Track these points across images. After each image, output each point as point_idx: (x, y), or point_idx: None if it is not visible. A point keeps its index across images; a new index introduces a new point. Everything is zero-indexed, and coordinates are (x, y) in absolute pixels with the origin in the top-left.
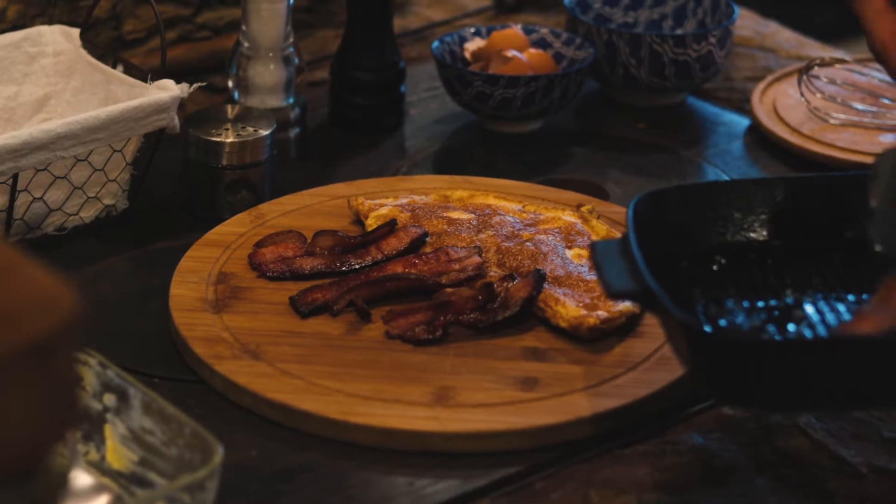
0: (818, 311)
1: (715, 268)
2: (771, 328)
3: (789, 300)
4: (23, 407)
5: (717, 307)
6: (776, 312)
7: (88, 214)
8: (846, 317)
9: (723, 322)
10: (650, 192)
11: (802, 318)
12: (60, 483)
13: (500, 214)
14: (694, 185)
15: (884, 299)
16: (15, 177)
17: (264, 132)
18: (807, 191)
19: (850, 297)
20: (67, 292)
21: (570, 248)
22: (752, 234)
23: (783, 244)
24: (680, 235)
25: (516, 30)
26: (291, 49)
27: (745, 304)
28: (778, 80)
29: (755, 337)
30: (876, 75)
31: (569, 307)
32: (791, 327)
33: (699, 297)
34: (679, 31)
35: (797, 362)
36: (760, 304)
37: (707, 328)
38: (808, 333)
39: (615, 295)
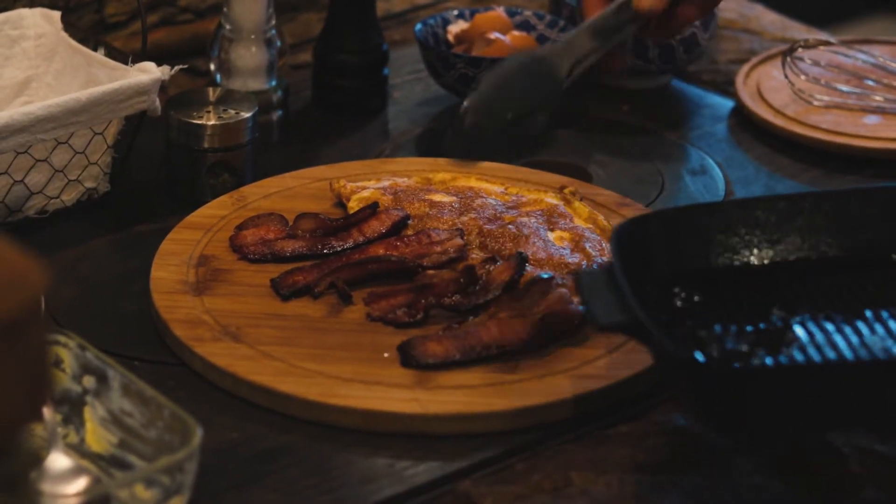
0: (808, 332)
1: (699, 293)
2: (762, 353)
3: (778, 322)
4: None
5: (707, 332)
6: (766, 335)
7: (70, 197)
8: (836, 336)
9: (713, 349)
10: (633, 218)
11: (793, 341)
12: (34, 462)
13: (483, 197)
14: (674, 209)
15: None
16: None
17: (246, 115)
18: (790, 208)
19: (839, 316)
20: (37, 271)
21: (552, 230)
22: (737, 256)
23: (768, 265)
24: (664, 260)
25: (499, 12)
26: (273, 31)
27: (734, 328)
28: (762, 62)
29: (748, 365)
30: (860, 57)
31: None
32: (783, 352)
33: (687, 322)
34: None
35: (791, 386)
36: (749, 328)
37: (699, 357)
38: (799, 357)
39: (603, 328)
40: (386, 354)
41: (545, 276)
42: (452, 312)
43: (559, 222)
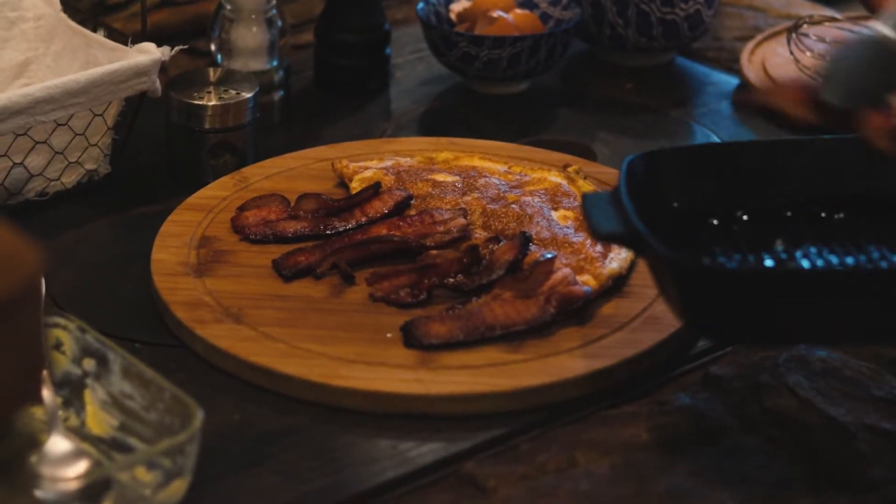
0: (810, 262)
1: (705, 226)
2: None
3: (781, 253)
4: None
5: (709, 258)
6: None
7: (70, 179)
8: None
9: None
10: (645, 152)
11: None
12: (34, 446)
13: (486, 176)
14: (686, 147)
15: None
16: None
17: (247, 95)
18: (793, 152)
19: (841, 249)
20: (31, 251)
21: (556, 209)
22: (744, 196)
23: (774, 205)
24: (672, 196)
25: None
26: (274, 11)
27: (736, 255)
28: (767, 38)
29: (735, 268)
30: (866, 33)
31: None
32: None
33: (690, 247)
34: None
35: (775, 294)
36: (751, 257)
37: (689, 262)
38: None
39: (602, 237)
40: (389, 335)
41: (549, 255)
42: (456, 293)
43: (563, 201)
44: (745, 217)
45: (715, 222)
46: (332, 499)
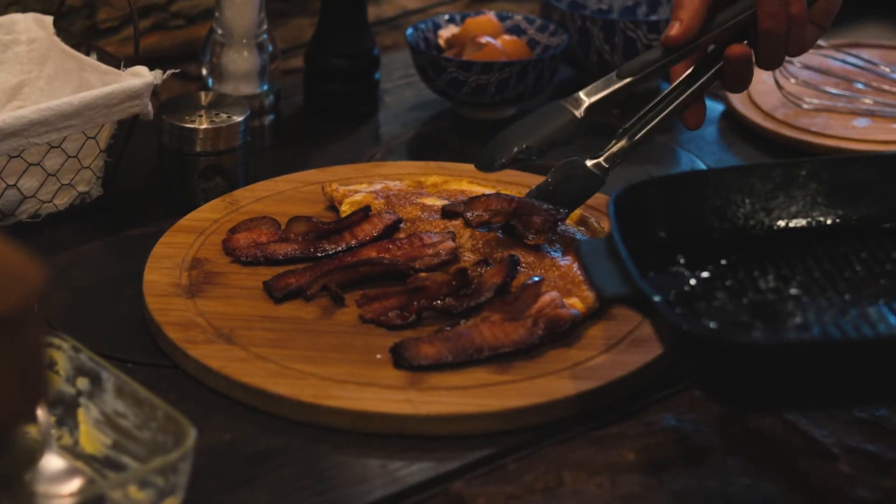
0: (804, 303)
1: (696, 260)
2: (760, 324)
3: (774, 291)
4: None
5: (705, 303)
6: (763, 306)
7: (62, 201)
8: (832, 309)
9: (711, 320)
10: (631, 185)
11: (791, 313)
12: (29, 461)
13: None
14: (672, 176)
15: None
16: None
17: (238, 119)
18: (786, 176)
19: (834, 285)
20: (33, 268)
21: None
22: (734, 222)
23: (763, 232)
24: (661, 227)
25: (490, 16)
26: (265, 36)
27: (731, 298)
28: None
29: (747, 339)
30: (850, 60)
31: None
32: (780, 325)
33: (684, 292)
34: (653, 18)
35: (791, 363)
36: (746, 298)
37: (700, 330)
38: (797, 324)
39: (607, 299)
40: (378, 356)
41: (537, 279)
42: (445, 315)
43: None
44: (732, 241)
45: (707, 250)
46: None
